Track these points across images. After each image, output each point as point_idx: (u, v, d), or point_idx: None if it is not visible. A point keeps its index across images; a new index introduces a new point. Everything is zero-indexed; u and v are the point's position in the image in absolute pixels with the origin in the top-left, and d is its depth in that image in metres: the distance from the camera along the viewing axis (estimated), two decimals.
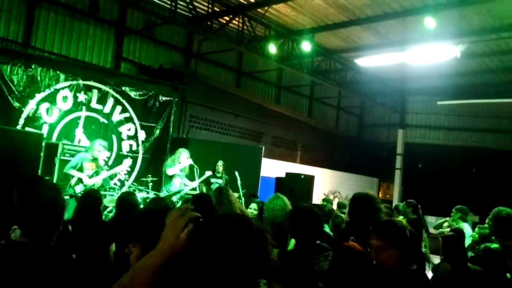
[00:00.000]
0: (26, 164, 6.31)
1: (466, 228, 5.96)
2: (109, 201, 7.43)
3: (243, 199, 7.79)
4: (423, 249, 5.73)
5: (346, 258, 2.46)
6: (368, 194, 3.56)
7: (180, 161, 7.82)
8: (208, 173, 7.95)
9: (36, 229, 2.13)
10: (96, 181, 6.87)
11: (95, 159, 6.96)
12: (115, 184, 8.55)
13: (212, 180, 8.10)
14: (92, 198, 4.31)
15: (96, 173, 6.90)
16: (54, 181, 7.08)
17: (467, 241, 5.50)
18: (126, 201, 4.45)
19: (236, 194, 7.79)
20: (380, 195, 17.28)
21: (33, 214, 2.16)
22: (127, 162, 7.75)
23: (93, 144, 7.09)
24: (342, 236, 3.57)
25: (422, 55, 11.36)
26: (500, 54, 11.80)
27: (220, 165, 8.28)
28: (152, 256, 1.40)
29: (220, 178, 8.24)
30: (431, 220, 12.70)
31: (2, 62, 7.80)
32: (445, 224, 6.70)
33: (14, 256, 2.06)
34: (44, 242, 2.12)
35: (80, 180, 6.71)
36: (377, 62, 12.60)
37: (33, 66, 8.16)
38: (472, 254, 4.94)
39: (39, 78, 8.24)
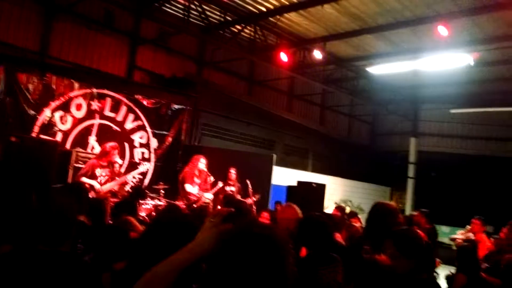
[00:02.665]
0: (41, 172, 6.40)
1: (485, 239, 5.88)
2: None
3: (254, 207, 7.78)
4: None
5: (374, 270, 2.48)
6: (390, 204, 3.52)
7: (200, 169, 7.78)
8: (220, 183, 7.91)
9: (48, 235, 2.17)
10: (110, 188, 6.72)
11: (108, 165, 6.78)
12: (127, 191, 8.58)
13: (227, 188, 8.06)
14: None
15: (111, 179, 6.80)
16: None
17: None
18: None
19: (248, 201, 7.82)
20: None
21: (44, 220, 2.20)
22: (144, 166, 7.80)
23: (104, 149, 6.88)
24: (357, 245, 3.54)
25: (435, 63, 11.29)
26: None
27: (233, 172, 8.25)
28: (182, 253, 1.41)
29: (233, 186, 8.20)
30: (444, 229, 12.54)
31: (19, 71, 7.94)
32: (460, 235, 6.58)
33: (24, 262, 2.10)
34: (56, 248, 2.16)
35: (92, 187, 6.55)
36: (389, 70, 12.56)
37: (48, 75, 8.30)
38: (487, 265, 4.87)
39: (54, 87, 8.35)
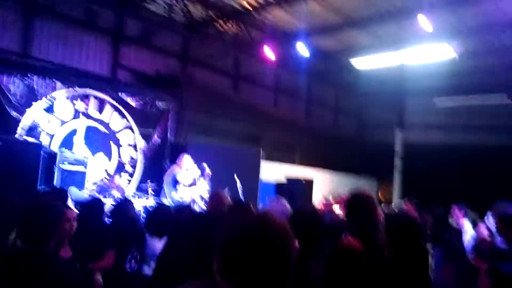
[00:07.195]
0: (25, 174, 6.33)
1: (468, 226, 5.97)
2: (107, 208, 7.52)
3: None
4: None
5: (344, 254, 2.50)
6: (365, 192, 3.54)
7: (187, 167, 7.79)
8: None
9: (31, 235, 2.18)
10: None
11: None
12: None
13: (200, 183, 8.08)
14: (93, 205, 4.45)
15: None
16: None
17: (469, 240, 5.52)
18: (121, 208, 4.51)
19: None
20: (380, 196, 17.30)
21: (27, 221, 2.21)
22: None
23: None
24: (337, 230, 3.59)
25: (419, 56, 11.38)
26: (497, 52, 11.81)
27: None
28: None
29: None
30: None
31: (0, 72, 7.83)
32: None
33: (6, 261, 2.10)
34: (38, 248, 2.16)
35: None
36: (375, 63, 12.64)
37: (30, 76, 8.18)
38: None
39: (36, 87, 8.25)
